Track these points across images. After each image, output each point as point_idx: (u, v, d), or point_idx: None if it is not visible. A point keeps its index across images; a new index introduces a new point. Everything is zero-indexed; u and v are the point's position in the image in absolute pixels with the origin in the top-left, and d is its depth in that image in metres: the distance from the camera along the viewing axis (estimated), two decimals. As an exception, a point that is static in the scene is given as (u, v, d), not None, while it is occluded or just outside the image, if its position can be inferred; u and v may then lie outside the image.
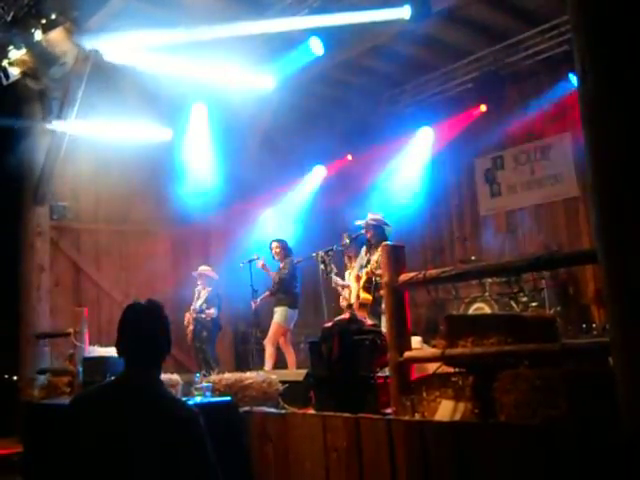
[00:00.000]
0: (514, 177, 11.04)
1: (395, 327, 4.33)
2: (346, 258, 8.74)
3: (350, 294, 8.58)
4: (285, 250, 9.27)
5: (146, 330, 3.03)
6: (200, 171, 10.81)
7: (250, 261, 9.08)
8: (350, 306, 8.53)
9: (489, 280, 9.47)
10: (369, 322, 5.11)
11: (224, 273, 9.96)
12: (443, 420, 3.76)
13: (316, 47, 8.55)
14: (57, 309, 10.11)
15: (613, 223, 2.64)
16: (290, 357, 9.09)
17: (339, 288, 8.69)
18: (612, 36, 2.68)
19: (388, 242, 5.16)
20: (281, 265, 9.23)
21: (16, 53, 8.02)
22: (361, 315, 6.83)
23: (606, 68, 2.69)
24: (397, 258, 4.45)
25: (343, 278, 8.80)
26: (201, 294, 9.64)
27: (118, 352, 3.08)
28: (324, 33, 8.38)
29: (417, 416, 4.01)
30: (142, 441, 2.76)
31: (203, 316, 9.45)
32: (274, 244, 9.29)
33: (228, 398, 5.17)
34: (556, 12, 8.96)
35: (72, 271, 10.79)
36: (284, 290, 9.09)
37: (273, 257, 9.29)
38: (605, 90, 2.69)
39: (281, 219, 11.50)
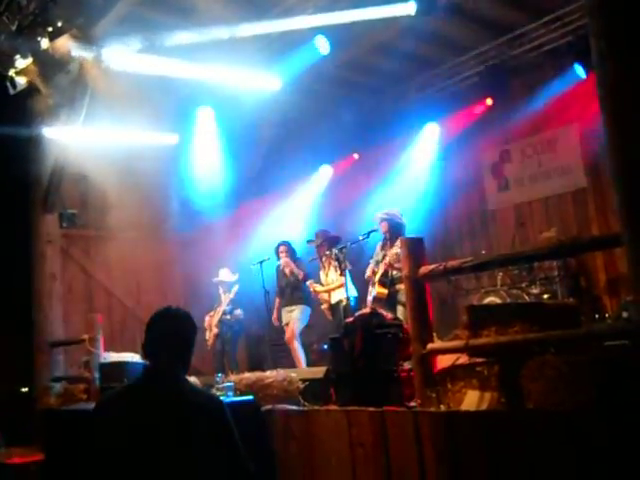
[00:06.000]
0: (521, 170, 10.98)
1: (417, 319, 4.33)
2: (323, 259, 8.95)
3: (330, 295, 8.67)
4: (292, 252, 9.37)
5: (171, 329, 3.09)
6: (208, 174, 10.81)
7: (261, 262, 9.07)
8: (331, 307, 8.70)
9: (500, 273, 9.45)
10: (390, 316, 5.09)
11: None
12: (470, 410, 3.75)
13: (322, 46, 8.51)
14: (69, 317, 10.11)
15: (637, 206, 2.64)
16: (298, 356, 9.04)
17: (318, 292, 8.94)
18: (630, 19, 2.68)
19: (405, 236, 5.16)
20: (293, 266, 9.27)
21: (22, 62, 8.00)
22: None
23: (625, 51, 2.69)
24: (416, 251, 4.45)
25: (318, 281, 9.02)
26: (223, 298, 9.63)
27: (144, 353, 3.13)
28: (329, 32, 8.35)
29: (442, 407, 4.00)
30: (173, 432, 2.82)
31: (228, 317, 9.45)
32: (282, 247, 9.33)
33: (250, 397, 5.18)
34: (559, 3, 8.95)
35: (83, 278, 10.84)
36: (302, 288, 9.15)
37: (278, 259, 9.32)
38: (624, 74, 2.69)
39: (290, 218, 11.50)
